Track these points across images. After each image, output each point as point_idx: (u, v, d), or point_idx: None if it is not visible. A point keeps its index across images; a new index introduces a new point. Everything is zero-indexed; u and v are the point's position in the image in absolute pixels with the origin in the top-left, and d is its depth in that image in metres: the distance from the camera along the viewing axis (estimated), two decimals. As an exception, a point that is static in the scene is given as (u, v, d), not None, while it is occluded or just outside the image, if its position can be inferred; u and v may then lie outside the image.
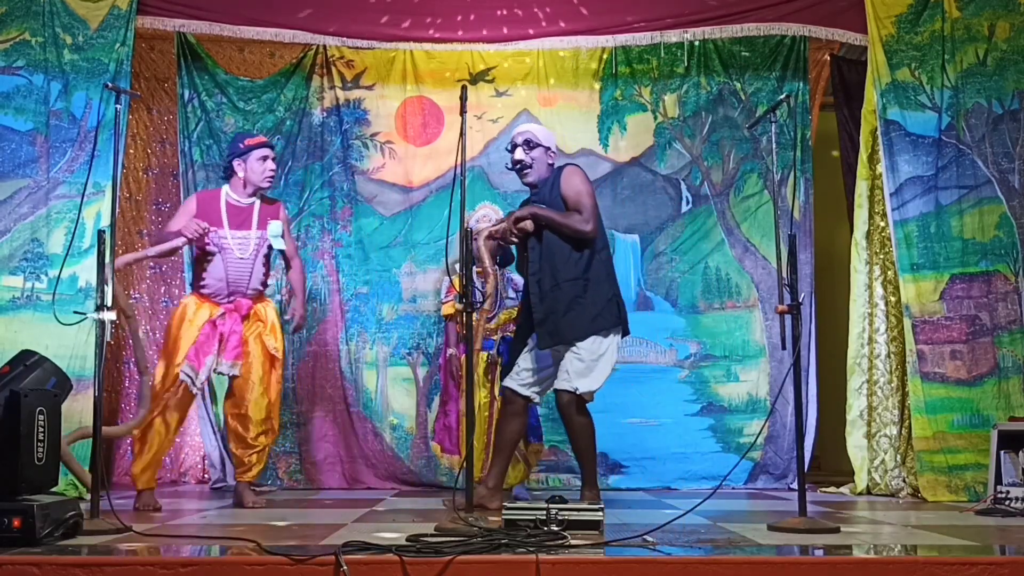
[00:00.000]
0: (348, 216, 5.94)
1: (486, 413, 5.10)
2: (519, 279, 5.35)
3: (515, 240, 4.31)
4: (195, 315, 4.53)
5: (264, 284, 4.72)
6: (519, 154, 4.35)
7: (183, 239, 4.49)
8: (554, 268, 4.19)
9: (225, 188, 4.69)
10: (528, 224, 4.23)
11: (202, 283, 4.60)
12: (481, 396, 5.11)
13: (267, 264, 4.70)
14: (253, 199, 4.66)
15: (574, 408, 4.17)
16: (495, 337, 5.16)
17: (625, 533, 3.28)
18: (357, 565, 2.68)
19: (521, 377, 4.31)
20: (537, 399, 4.39)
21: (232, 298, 4.56)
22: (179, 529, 3.58)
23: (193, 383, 4.46)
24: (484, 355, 5.15)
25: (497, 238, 4.32)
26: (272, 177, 4.71)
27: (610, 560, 2.83)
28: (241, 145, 4.67)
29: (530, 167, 4.35)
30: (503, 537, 2.97)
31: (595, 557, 2.84)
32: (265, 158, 4.64)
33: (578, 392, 4.15)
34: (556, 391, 4.20)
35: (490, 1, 5.67)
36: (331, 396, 5.84)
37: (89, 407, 4.50)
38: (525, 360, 4.32)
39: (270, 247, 4.66)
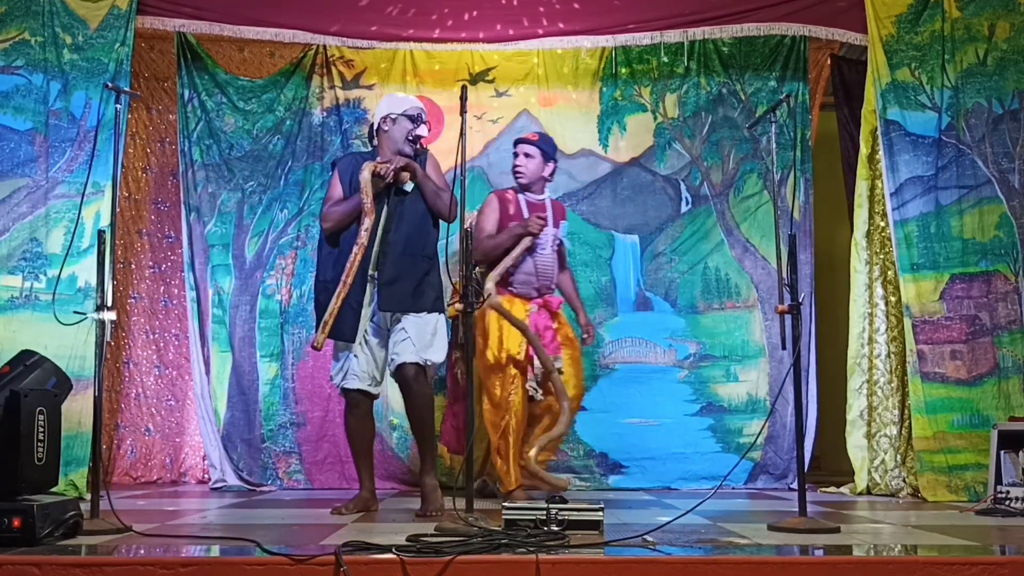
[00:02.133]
0: (348, 216, 5.94)
1: None
2: None
3: (390, 183, 4.16)
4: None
5: (555, 282, 4.77)
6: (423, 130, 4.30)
7: (531, 237, 4.53)
8: (410, 237, 4.16)
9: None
10: (405, 176, 4.16)
11: (510, 280, 4.64)
12: None
13: (559, 261, 4.75)
14: (544, 196, 4.78)
15: (423, 378, 4.13)
16: None
17: (625, 533, 3.28)
18: (357, 565, 2.68)
19: (364, 377, 4.20)
20: (378, 393, 4.33)
21: (541, 294, 4.62)
22: (179, 529, 3.58)
23: (536, 391, 4.58)
24: None
25: (378, 175, 4.14)
26: (519, 173, 4.77)
27: (610, 560, 2.83)
28: None
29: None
30: (503, 537, 2.97)
31: (595, 557, 2.84)
32: (516, 153, 4.82)
33: (428, 363, 4.12)
34: (401, 364, 4.09)
35: (490, 1, 5.66)
36: (331, 396, 5.82)
37: (89, 407, 4.50)
38: (363, 358, 4.20)
39: (560, 243, 4.74)
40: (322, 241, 4.32)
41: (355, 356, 4.19)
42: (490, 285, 4.47)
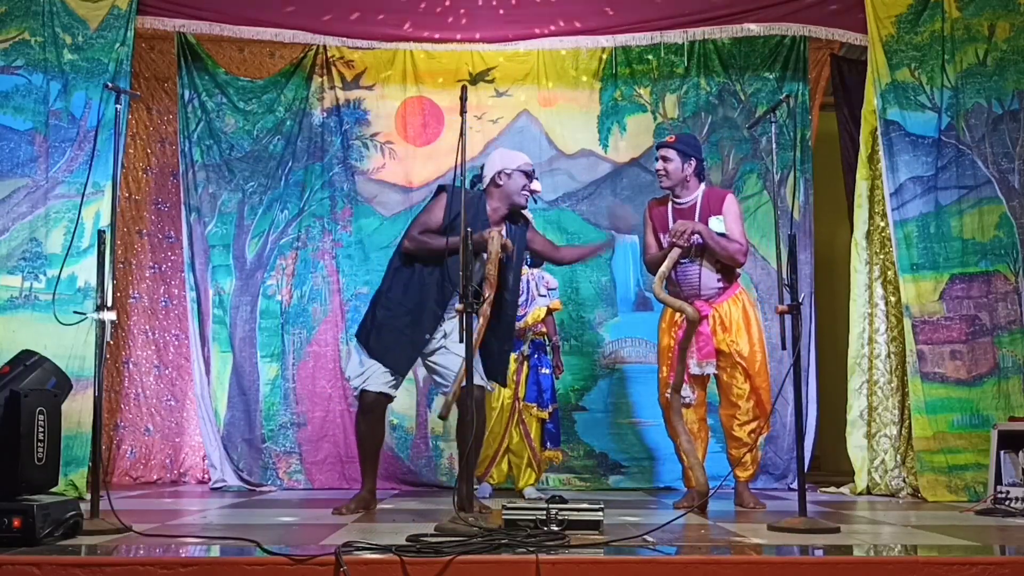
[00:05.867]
0: (348, 216, 5.94)
1: (507, 414, 5.09)
2: (551, 277, 5.36)
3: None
4: (668, 324, 4.60)
5: (721, 283, 4.58)
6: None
7: (677, 249, 4.44)
8: (511, 305, 4.38)
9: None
10: (510, 248, 4.26)
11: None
12: (505, 396, 5.10)
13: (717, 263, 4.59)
14: (693, 197, 4.63)
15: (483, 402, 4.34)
16: (523, 337, 5.16)
17: (625, 533, 3.28)
18: (357, 565, 2.68)
19: (387, 383, 4.22)
20: (395, 396, 4.35)
21: (688, 301, 4.50)
22: (179, 529, 3.57)
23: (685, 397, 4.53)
24: (512, 355, 5.14)
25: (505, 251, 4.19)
26: (661, 179, 4.65)
27: (610, 560, 2.83)
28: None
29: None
30: (503, 537, 2.97)
31: (595, 557, 2.84)
32: (657, 159, 4.70)
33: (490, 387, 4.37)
34: (476, 387, 4.10)
35: (490, 1, 5.67)
36: (331, 396, 5.83)
37: (89, 407, 4.50)
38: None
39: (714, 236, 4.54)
40: (398, 252, 4.33)
41: (380, 366, 4.20)
42: (658, 292, 4.46)
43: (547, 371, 5.16)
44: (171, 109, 6.18)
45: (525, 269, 5.26)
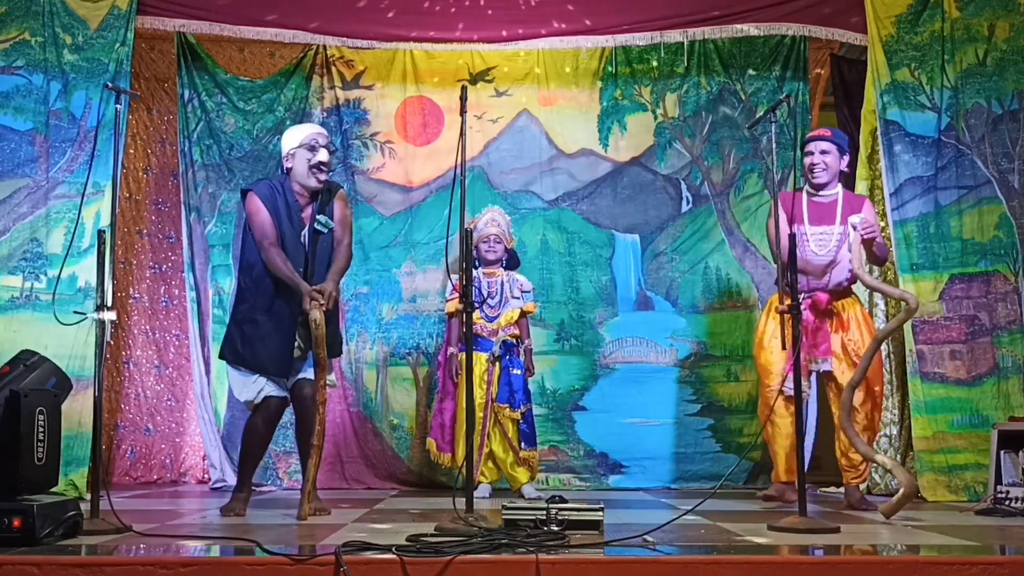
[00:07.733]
0: (348, 216, 5.94)
1: (481, 414, 5.08)
2: (524, 280, 5.35)
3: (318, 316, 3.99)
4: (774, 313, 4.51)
5: (848, 281, 4.59)
6: (324, 155, 4.19)
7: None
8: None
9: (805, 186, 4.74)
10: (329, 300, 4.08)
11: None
12: (478, 396, 5.09)
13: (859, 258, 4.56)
14: (834, 194, 4.67)
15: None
16: (495, 338, 5.16)
17: (625, 533, 3.28)
18: (357, 565, 2.68)
19: (281, 386, 4.21)
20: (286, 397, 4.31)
21: (811, 293, 4.52)
22: (179, 529, 3.58)
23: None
24: (483, 355, 5.14)
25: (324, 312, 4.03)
26: (818, 172, 4.64)
27: (610, 560, 2.83)
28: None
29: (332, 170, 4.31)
30: (503, 537, 2.97)
31: (595, 557, 2.84)
32: (811, 152, 4.67)
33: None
34: (302, 380, 4.16)
35: (491, 1, 5.67)
36: (331, 396, 5.80)
37: (89, 407, 4.50)
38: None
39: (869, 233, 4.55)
40: (242, 269, 4.25)
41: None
42: (868, 280, 4.47)
43: (518, 372, 5.12)
44: (171, 109, 6.18)
45: (500, 271, 5.26)
